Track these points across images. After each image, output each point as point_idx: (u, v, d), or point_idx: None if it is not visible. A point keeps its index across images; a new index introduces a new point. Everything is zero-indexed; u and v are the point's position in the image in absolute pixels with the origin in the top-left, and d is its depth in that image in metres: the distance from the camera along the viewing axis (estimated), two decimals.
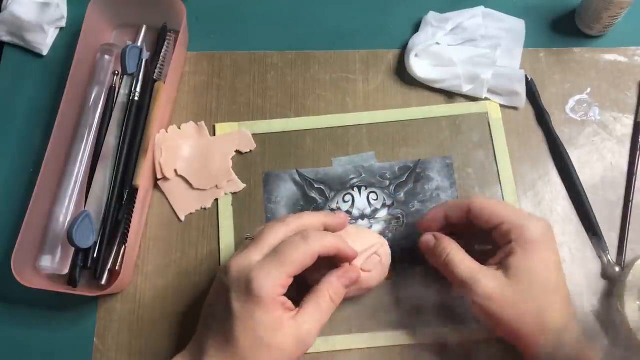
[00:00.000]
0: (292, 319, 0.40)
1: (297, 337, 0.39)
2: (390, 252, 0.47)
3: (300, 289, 0.42)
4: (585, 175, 0.53)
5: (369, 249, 0.45)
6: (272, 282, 0.39)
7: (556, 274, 0.42)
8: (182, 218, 0.52)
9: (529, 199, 0.52)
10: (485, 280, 0.41)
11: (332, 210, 0.52)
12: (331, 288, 0.42)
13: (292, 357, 0.40)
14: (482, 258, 0.43)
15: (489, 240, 0.45)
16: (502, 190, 0.52)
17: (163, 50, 0.55)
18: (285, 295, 0.40)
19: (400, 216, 0.51)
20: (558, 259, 0.43)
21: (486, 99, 0.55)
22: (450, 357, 0.47)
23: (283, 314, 0.40)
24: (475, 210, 0.43)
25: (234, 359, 0.39)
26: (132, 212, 0.48)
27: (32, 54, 0.57)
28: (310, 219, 0.43)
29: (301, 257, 0.40)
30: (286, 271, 0.39)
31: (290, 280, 0.40)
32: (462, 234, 0.46)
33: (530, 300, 0.40)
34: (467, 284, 0.41)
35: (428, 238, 0.45)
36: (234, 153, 0.54)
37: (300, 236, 0.40)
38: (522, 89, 0.54)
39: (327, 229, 0.44)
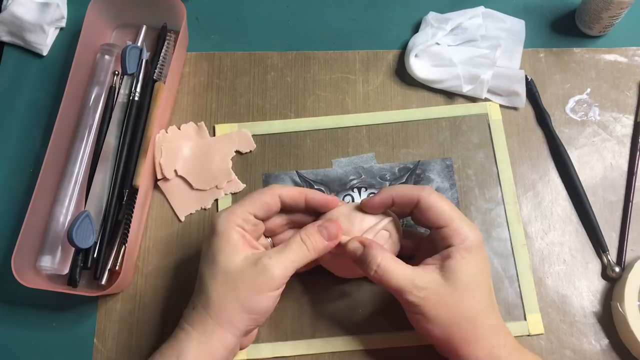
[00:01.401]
0: (256, 251, 0.41)
1: (255, 262, 0.40)
2: (400, 225, 0.46)
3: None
4: (585, 175, 0.53)
5: (377, 224, 0.44)
6: (230, 215, 0.41)
7: (489, 282, 0.42)
8: (182, 218, 0.52)
9: (528, 199, 0.52)
10: (421, 281, 0.40)
11: None
12: (303, 230, 0.42)
13: (252, 285, 0.39)
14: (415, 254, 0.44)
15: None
16: (502, 190, 0.52)
17: (163, 51, 0.55)
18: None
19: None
20: (489, 268, 0.43)
21: (486, 99, 0.55)
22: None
23: (242, 242, 0.41)
24: (423, 206, 0.42)
25: (202, 295, 0.40)
26: (132, 212, 0.48)
27: (32, 54, 0.57)
28: (290, 188, 0.44)
29: (260, 195, 0.43)
30: (244, 206, 0.42)
31: (251, 218, 0.42)
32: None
33: (466, 304, 0.40)
34: (404, 289, 0.40)
35: (355, 246, 0.42)
36: (234, 153, 0.54)
37: (266, 187, 0.44)
38: (522, 90, 0.54)
39: (309, 203, 0.44)
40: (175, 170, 0.52)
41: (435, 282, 0.40)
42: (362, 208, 0.45)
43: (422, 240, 0.47)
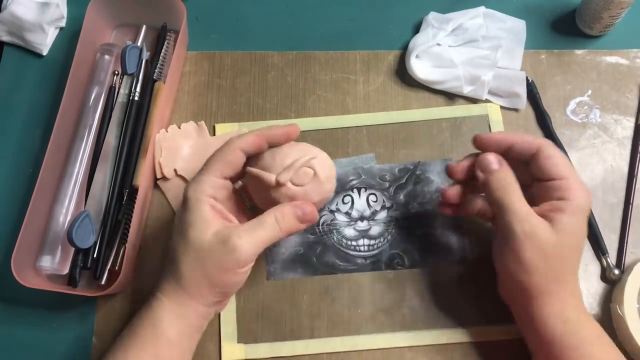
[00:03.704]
0: (227, 226, 0.41)
1: (224, 241, 0.40)
2: (330, 164, 0.44)
3: None
4: (586, 177, 0.53)
5: (296, 162, 0.42)
6: (199, 185, 0.41)
7: (583, 247, 0.42)
8: None
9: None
10: (534, 218, 0.40)
11: (332, 211, 0.52)
12: (278, 210, 0.41)
13: (220, 264, 0.40)
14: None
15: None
16: None
17: (163, 50, 0.55)
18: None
19: (399, 218, 0.51)
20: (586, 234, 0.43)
21: (487, 100, 0.55)
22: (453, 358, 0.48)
23: (213, 216, 0.41)
24: (543, 154, 0.42)
25: (174, 269, 0.41)
26: (132, 212, 0.48)
27: (32, 54, 0.57)
28: (248, 136, 0.42)
29: (223, 156, 0.42)
30: (211, 172, 0.42)
31: (220, 182, 0.42)
32: None
33: (560, 259, 0.40)
34: (516, 215, 0.40)
35: (492, 159, 0.43)
36: None
37: (224, 142, 0.43)
38: (522, 91, 0.54)
39: (272, 144, 0.43)
40: (175, 170, 0.52)
41: (544, 227, 0.40)
42: (474, 142, 0.44)
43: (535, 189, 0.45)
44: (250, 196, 0.45)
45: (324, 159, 0.43)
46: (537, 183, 0.43)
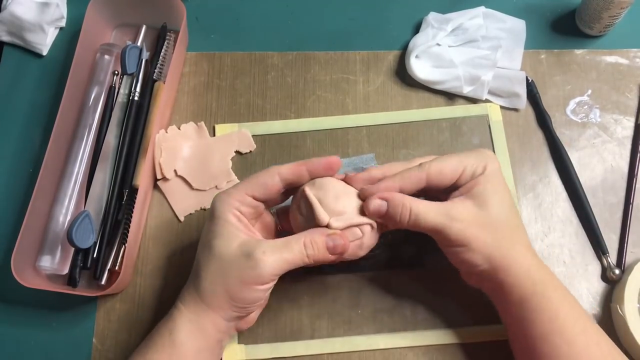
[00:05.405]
0: (252, 239, 0.40)
1: (248, 254, 0.39)
2: (376, 238, 0.43)
3: None
4: (586, 177, 0.53)
5: (358, 218, 0.41)
6: (227, 197, 0.41)
7: (513, 199, 0.43)
8: (182, 218, 0.52)
9: (529, 200, 0.52)
10: (457, 212, 0.41)
11: None
12: (309, 236, 0.40)
13: (240, 277, 0.39)
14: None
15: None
16: None
17: (163, 50, 0.55)
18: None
19: None
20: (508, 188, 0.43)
21: (487, 100, 0.55)
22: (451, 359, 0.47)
23: (238, 227, 0.41)
24: (434, 177, 0.41)
25: (196, 279, 0.41)
26: (132, 212, 0.48)
27: (32, 54, 0.57)
28: (289, 164, 0.42)
29: (258, 176, 0.42)
30: (241, 188, 0.41)
31: (249, 200, 0.41)
32: None
33: (503, 224, 0.41)
34: (443, 226, 0.40)
35: (378, 204, 0.41)
36: (234, 154, 0.54)
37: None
38: (522, 91, 0.54)
39: (312, 173, 0.42)
40: (175, 170, 0.52)
41: (469, 210, 0.41)
42: (362, 193, 0.42)
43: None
44: (283, 220, 0.45)
45: (374, 231, 0.42)
46: (456, 182, 0.43)
